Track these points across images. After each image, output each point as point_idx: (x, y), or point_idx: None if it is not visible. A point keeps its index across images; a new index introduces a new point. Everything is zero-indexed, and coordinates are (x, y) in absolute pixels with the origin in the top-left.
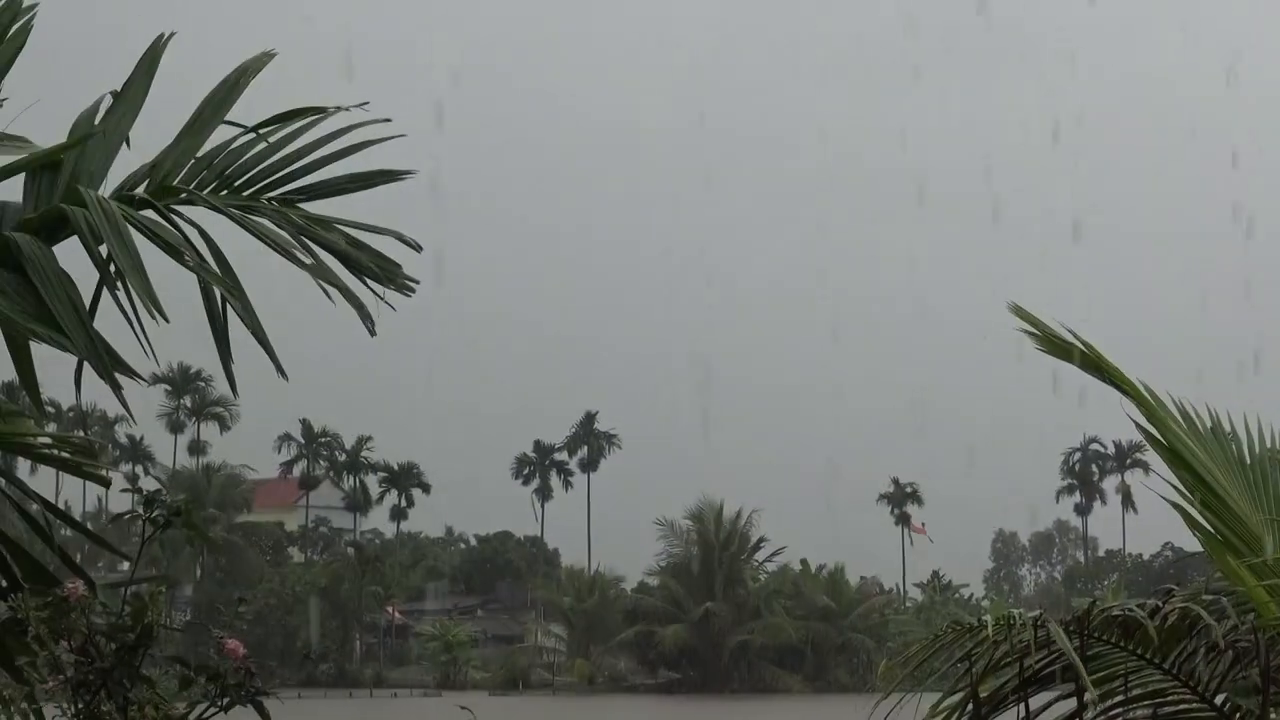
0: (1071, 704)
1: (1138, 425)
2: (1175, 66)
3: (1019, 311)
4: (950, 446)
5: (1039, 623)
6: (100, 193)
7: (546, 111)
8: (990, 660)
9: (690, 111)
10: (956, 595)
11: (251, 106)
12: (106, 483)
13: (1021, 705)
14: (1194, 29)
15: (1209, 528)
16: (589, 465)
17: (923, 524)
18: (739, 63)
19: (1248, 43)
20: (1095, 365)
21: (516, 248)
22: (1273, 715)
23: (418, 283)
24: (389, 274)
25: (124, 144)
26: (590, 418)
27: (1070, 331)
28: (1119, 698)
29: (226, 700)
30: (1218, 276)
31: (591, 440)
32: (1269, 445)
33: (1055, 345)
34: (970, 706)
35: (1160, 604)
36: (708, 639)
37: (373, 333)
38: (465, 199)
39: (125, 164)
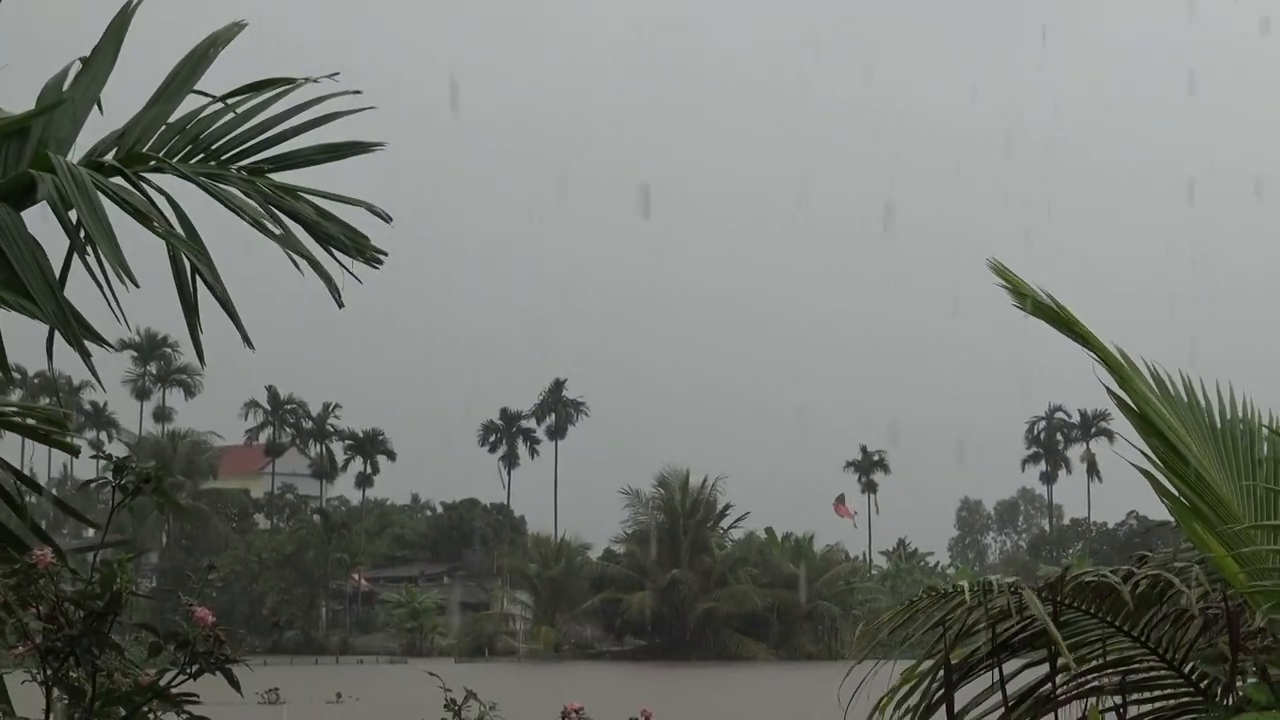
0: (1040, 671)
1: (1108, 389)
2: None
3: (998, 269)
4: (917, 414)
5: (1013, 589)
6: (69, 159)
7: (516, 67)
8: (963, 626)
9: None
10: (922, 563)
11: (225, 77)
12: (75, 451)
13: (995, 671)
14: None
15: (1178, 495)
16: (556, 433)
17: (854, 511)
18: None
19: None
20: (1068, 326)
21: (487, 210)
22: (1240, 682)
23: (386, 254)
24: (358, 245)
25: (92, 110)
26: (559, 385)
27: (1046, 294)
28: (1091, 664)
29: (196, 668)
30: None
31: (559, 408)
32: (1240, 412)
33: (1031, 304)
34: (941, 673)
35: (1134, 570)
36: (673, 606)
37: (340, 304)
38: (431, 162)
39: (94, 132)
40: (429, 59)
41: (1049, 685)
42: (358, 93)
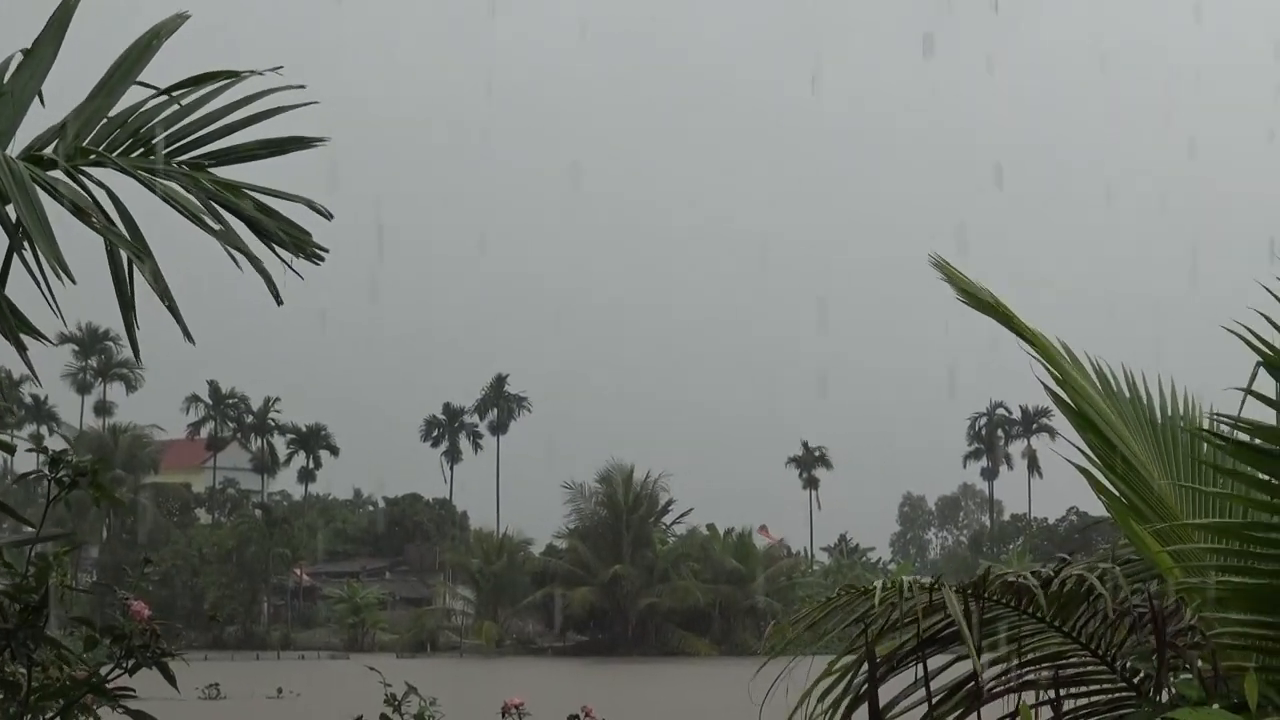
0: (966, 665)
1: (1045, 386)
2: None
3: (940, 264)
4: (859, 410)
5: (935, 586)
6: (7, 153)
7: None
8: (886, 622)
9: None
10: (864, 558)
11: (168, 69)
12: (11, 449)
13: (919, 665)
14: None
15: (1115, 492)
16: (499, 428)
17: (777, 537)
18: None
19: None
20: (1007, 319)
21: (424, 206)
22: (1171, 679)
23: (327, 251)
24: (298, 242)
25: (32, 104)
26: (501, 380)
27: (986, 288)
28: (1025, 658)
29: (132, 662)
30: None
31: (501, 403)
32: (1180, 409)
33: (972, 298)
34: (865, 667)
35: (1054, 572)
36: (616, 602)
37: (279, 301)
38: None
39: (33, 126)
40: (372, 51)
41: (974, 681)
42: (301, 87)
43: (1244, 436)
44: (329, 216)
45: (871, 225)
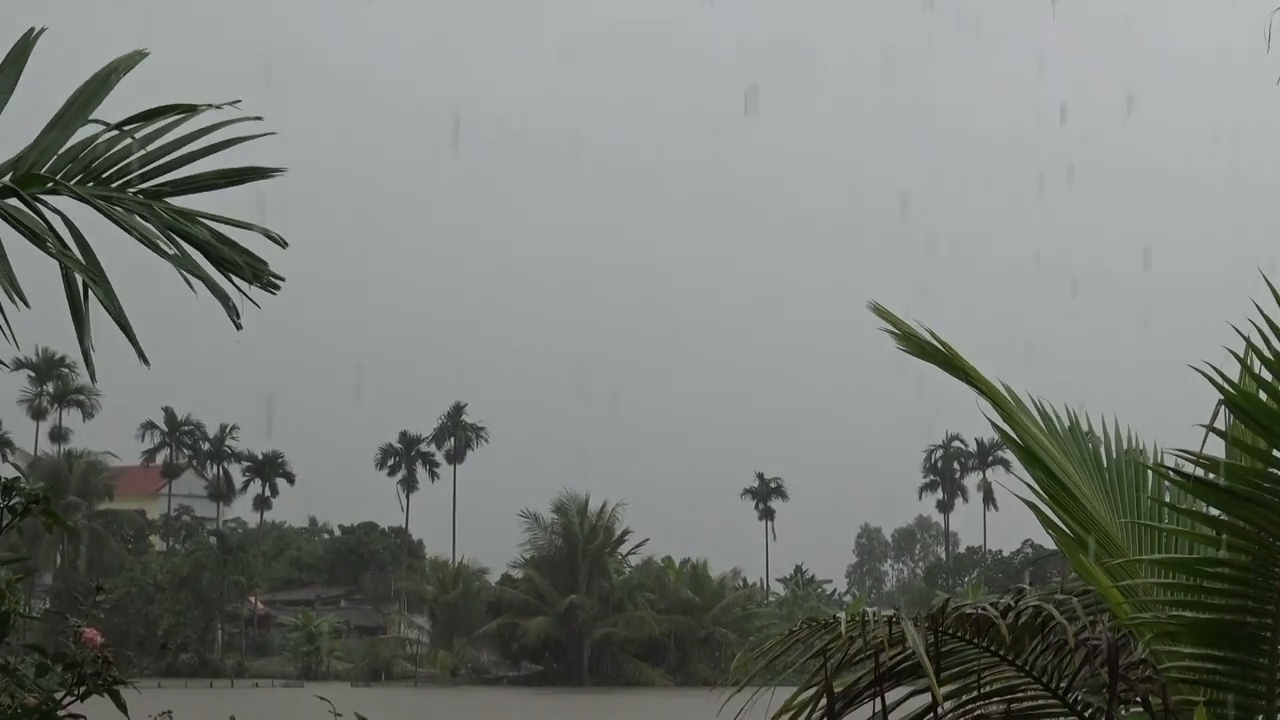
0: (927, 698)
1: (993, 424)
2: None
3: (879, 310)
4: (815, 442)
5: (893, 620)
6: None
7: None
8: (845, 655)
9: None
10: (819, 590)
11: (127, 104)
12: None
13: (877, 700)
14: None
15: (1063, 527)
16: (455, 457)
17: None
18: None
19: None
20: (951, 364)
21: (382, 237)
22: (1121, 712)
23: (283, 279)
24: (255, 271)
25: None
26: (458, 409)
27: (930, 332)
28: (974, 693)
29: (83, 689)
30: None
31: (459, 432)
32: (1126, 446)
33: (914, 345)
34: (824, 701)
35: (1012, 603)
36: (571, 631)
37: (239, 326)
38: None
39: None
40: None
41: (932, 715)
42: (258, 118)
43: (1203, 474)
44: (284, 244)
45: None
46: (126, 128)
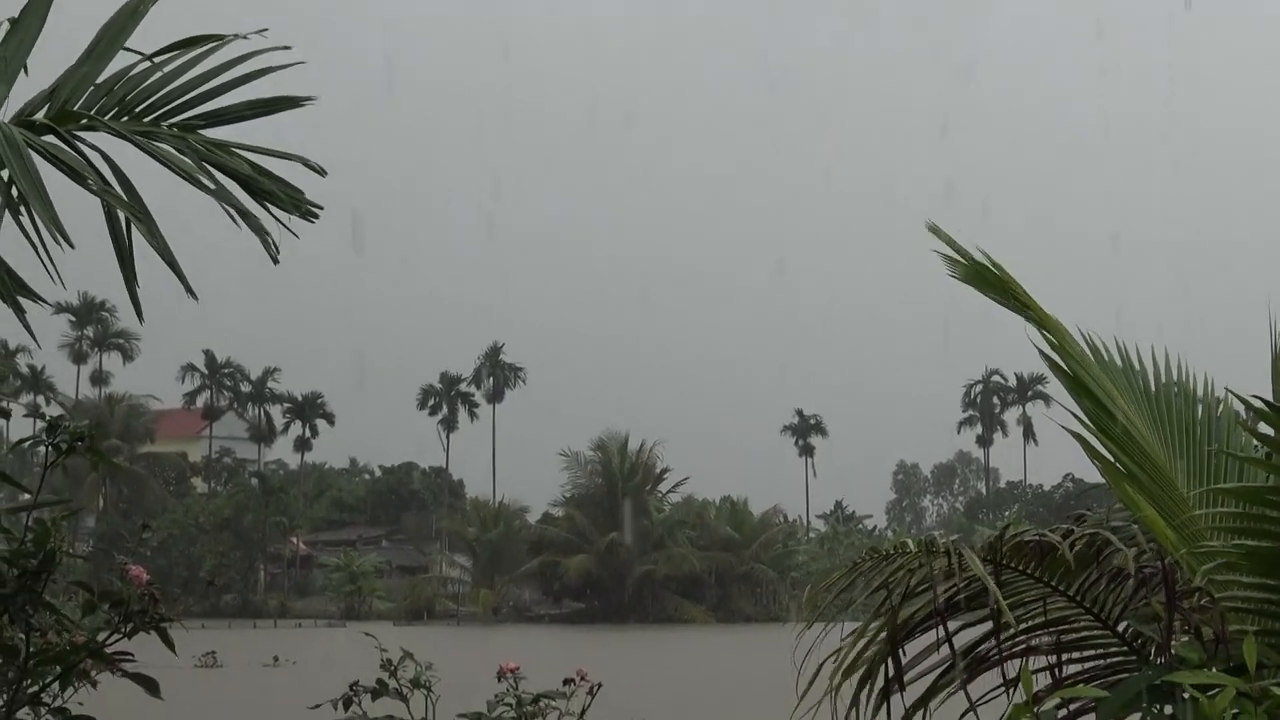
0: (975, 632)
1: (1041, 352)
2: None
3: (936, 230)
4: (854, 377)
5: (954, 550)
6: None
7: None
8: (907, 588)
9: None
10: (859, 526)
11: (155, 35)
12: (6, 414)
13: (939, 629)
14: None
15: (1110, 458)
16: (494, 396)
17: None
18: None
19: None
20: (1005, 288)
21: (421, 173)
22: (1174, 642)
23: (321, 208)
24: (293, 200)
25: (21, 72)
26: (496, 349)
27: (984, 254)
28: (1035, 621)
29: (130, 626)
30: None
31: (497, 372)
32: (1174, 376)
33: (967, 270)
34: (883, 635)
35: (1072, 528)
36: (612, 569)
37: (276, 260)
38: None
39: (21, 94)
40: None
41: (987, 644)
42: (287, 48)
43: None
44: (323, 173)
45: (863, 193)
46: (159, 58)
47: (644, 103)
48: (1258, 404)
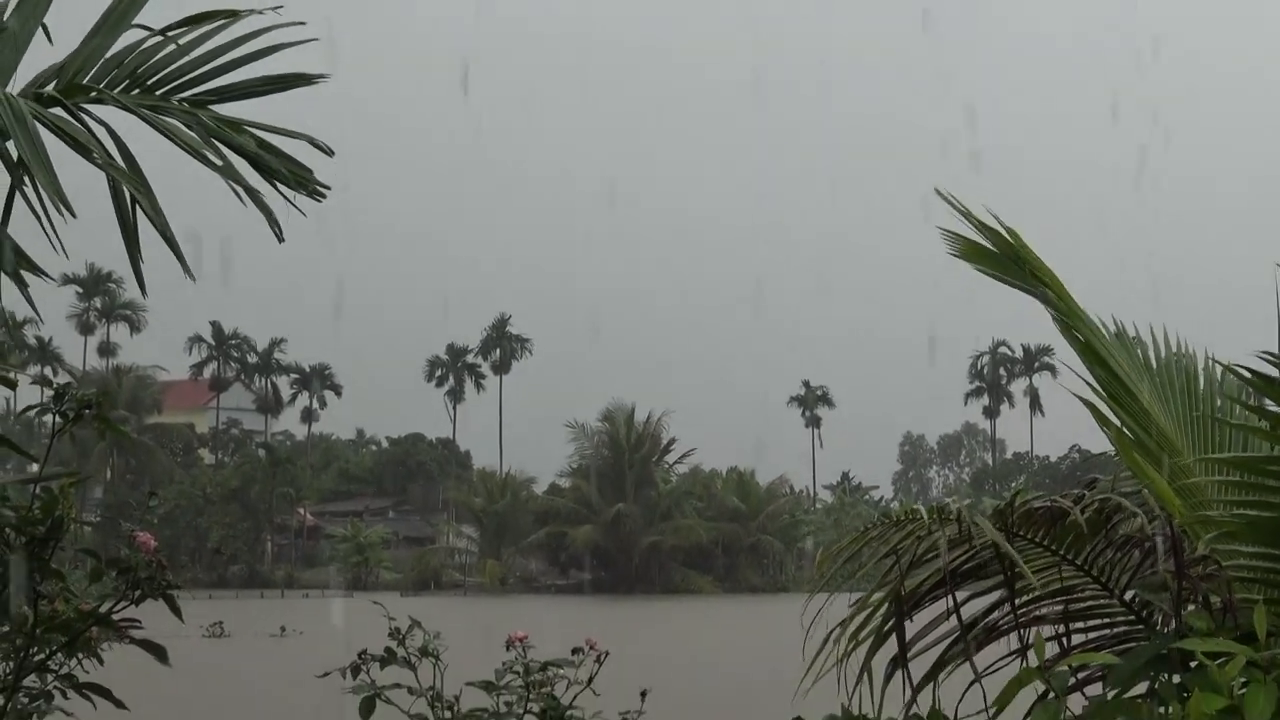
0: (983, 602)
1: (1055, 319)
2: None
3: (944, 196)
4: (859, 348)
5: (964, 516)
6: (8, 90)
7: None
8: (914, 556)
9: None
10: (866, 497)
11: (167, 9)
12: (12, 384)
13: (949, 598)
14: None
15: (1120, 425)
16: (501, 368)
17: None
18: None
19: None
20: (1016, 256)
21: (426, 150)
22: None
23: (329, 188)
24: (300, 179)
25: (33, 43)
26: (503, 320)
27: (996, 218)
28: (1043, 590)
29: (138, 593)
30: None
31: (504, 343)
32: (1173, 350)
33: (971, 246)
34: (890, 604)
35: (1084, 493)
36: (619, 540)
37: (280, 239)
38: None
39: (31, 66)
40: None
41: (996, 613)
42: (301, 24)
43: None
44: (330, 153)
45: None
46: (171, 33)
47: (655, 57)
48: (1245, 375)
